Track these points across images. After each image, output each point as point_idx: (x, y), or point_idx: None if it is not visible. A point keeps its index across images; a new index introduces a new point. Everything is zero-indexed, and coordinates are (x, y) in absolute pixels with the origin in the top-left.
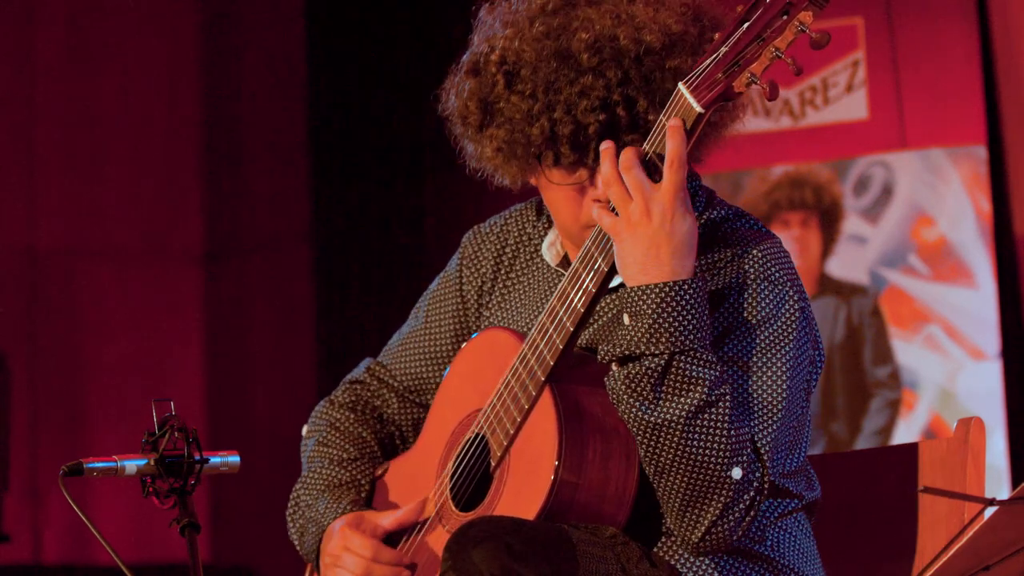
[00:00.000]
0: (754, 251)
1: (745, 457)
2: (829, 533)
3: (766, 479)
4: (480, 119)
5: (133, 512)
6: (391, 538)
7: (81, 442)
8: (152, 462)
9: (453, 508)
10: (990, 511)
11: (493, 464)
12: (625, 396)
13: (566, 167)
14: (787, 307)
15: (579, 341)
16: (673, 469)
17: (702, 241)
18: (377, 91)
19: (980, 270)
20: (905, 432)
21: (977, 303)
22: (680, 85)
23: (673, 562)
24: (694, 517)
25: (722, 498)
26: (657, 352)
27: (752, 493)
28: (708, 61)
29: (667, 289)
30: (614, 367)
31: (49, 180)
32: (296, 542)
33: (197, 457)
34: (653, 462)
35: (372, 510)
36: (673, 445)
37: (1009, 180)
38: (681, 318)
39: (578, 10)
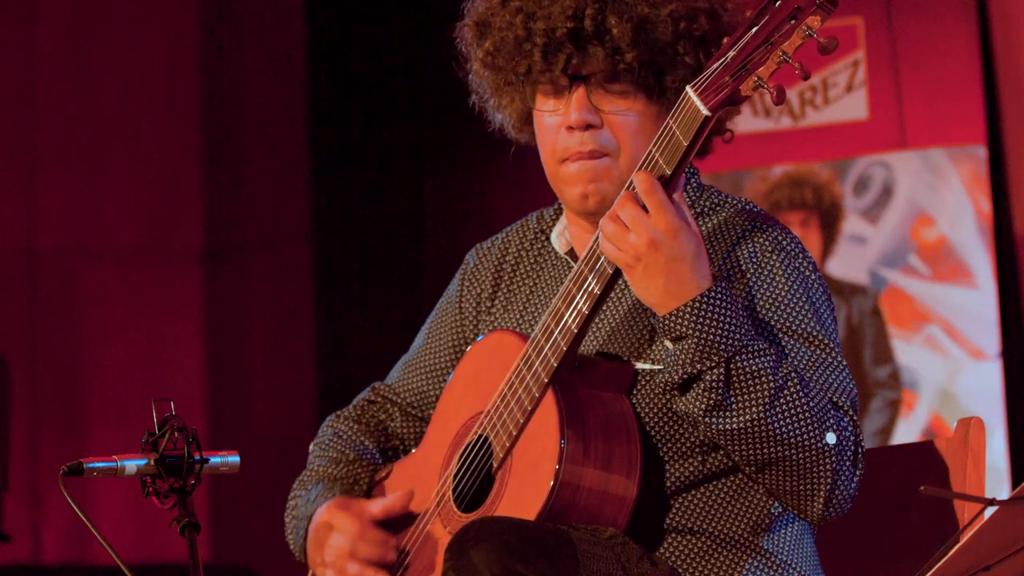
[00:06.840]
0: (762, 235)
1: (831, 420)
2: (829, 533)
3: (859, 427)
4: (476, 36)
5: (133, 512)
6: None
7: (81, 442)
8: (152, 462)
9: (455, 509)
10: (990, 511)
11: (495, 465)
12: (703, 416)
13: (544, 90)
14: (808, 273)
15: (584, 345)
16: (772, 462)
17: (719, 228)
18: (377, 91)
19: (980, 270)
20: (905, 432)
21: (977, 303)
22: (688, 88)
23: (672, 562)
24: (809, 494)
25: (828, 466)
26: (713, 364)
27: (853, 447)
28: (716, 65)
29: (697, 304)
30: (678, 396)
31: (49, 180)
32: (291, 542)
33: (197, 457)
34: (751, 463)
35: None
36: (763, 440)
37: (1009, 180)
38: (722, 324)
39: None
